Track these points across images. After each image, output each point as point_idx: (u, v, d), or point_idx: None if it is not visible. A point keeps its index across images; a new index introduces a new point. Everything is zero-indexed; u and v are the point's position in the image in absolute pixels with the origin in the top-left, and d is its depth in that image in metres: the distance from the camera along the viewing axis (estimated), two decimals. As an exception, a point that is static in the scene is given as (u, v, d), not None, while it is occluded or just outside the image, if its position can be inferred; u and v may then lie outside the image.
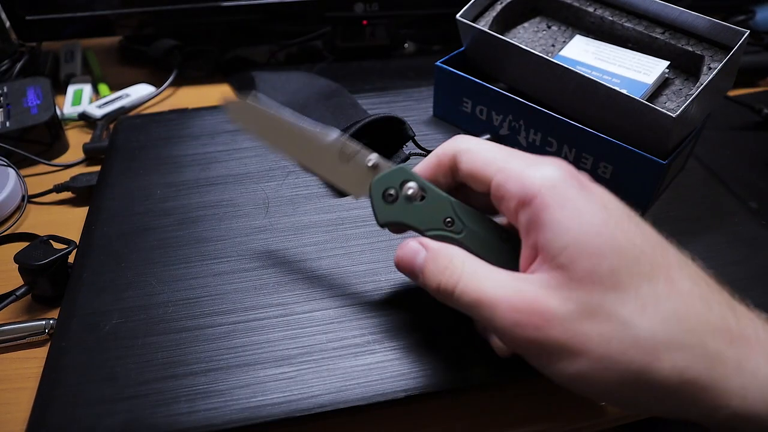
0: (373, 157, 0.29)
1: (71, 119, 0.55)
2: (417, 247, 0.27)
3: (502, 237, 0.27)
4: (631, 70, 0.40)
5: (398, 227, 0.29)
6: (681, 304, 0.21)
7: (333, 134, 0.30)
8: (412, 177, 0.28)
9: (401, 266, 0.27)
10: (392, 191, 0.28)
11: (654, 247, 0.22)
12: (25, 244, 0.36)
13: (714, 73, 0.36)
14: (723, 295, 0.22)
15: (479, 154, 0.26)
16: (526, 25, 0.47)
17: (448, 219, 0.27)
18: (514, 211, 0.24)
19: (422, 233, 0.28)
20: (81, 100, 0.57)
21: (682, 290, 0.21)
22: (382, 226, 0.29)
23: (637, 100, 0.36)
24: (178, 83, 0.61)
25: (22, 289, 0.35)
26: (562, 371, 0.22)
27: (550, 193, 0.22)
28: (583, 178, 0.24)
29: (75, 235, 0.38)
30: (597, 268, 0.21)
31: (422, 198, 0.28)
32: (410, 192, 0.28)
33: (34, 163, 0.48)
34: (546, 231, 0.22)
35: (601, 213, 0.22)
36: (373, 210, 0.29)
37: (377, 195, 0.28)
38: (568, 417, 0.30)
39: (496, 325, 0.23)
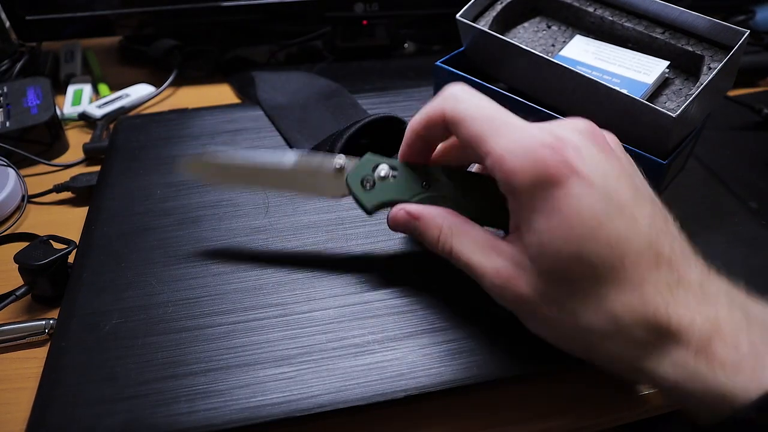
0: (338, 158, 0.31)
1: (71, 119, 0.55)
2: (406, 218, 0.29)
3: (476, 185, 0.30)
4: (631, 70, 0.40)
5: (386, 206, 0.31)
6: (617, 303, 0.23)
7: (291, 155, 0.32)
8: (380, 160, 0.31)
9: (398, 228, 0.30)
10: (368, 178, 0.31)
11: (613, 252, 0.23)
12: (25, 244, 0.36)
13: (714, 73, 0.36)
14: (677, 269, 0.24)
15: (471, 127, 0.26)
16: (526, 25, 0.47)
17: (424, 183, 0.30)
18: (504, 192, 0.26)
19: (409, 202, 0.30)
20: (81, 100, 0.57)
21: (624, 290, 0.23)
22: (372, 211, 0.31)
23: (637, 99, 0.36)
24: (178, 83, 0.61)
25: (22, 289, 0.35)
26: (533, 329, 0.27)
27: (527, 193, 0.24)
28: (568, 167, 0.23)
29: (75, 235, 0.38)
30: (553, 268, 0.24)
31: (394, 174, 0.31)
32: (383, 173, 0.31)
33: (34, 163, 0.48)
34: (522, 223, 0.25)
35: (569, 219, 0.23)
36: (358, 202, 0.31)
37: (356, 187, 0.31)
38: (569, 417, 0.30)
39: (485, 287, 0.27)
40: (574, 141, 0.24)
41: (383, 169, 0.31)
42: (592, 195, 0.23)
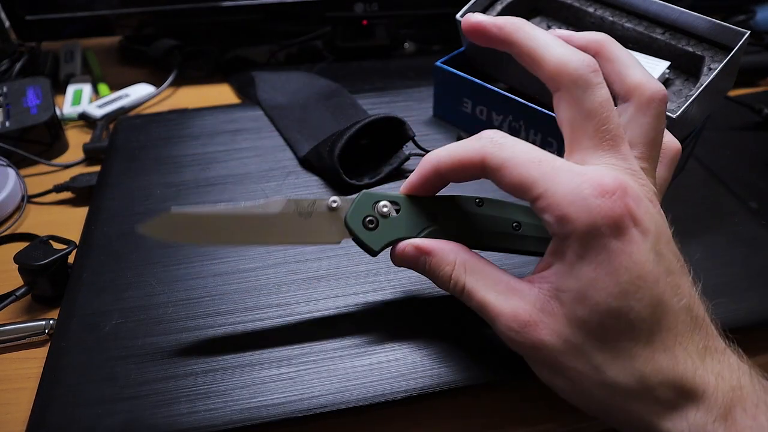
0: (332, 199, 0.28)
1: (71, 119, 0.55)
2: (415, 253, 0.27)
3: (478, 204, 0.29)
4: (632, 71, 0.40)
5: (393, 245, 0.28)
6: (648, 363, 0.23)
7: (278, 200, 0.28)
8: (379, 196, 0.28)
9: (404, 263, 0.28)
10: (370, 217, 0.28)
11: (654, 313, 0.23)
12: (25, 244, 0.36)
13: (714, 73, 0.36)
14: (702, 345, 0.24)
15: (517, 172, 0.24)
16: (526, 25, 0.47)
17: (431, 215, 0.28)
18: (552, 233, 0.24)
19: (417, 237, 0.28)
20: (81, 100, 0.57)
21: (656, 351, 0.23)
22: (378, 253, 0.28)
23: (638, 100, 0.36)
24: (178, 83, 0.61)
25: (22, 289, 0.35)
26: (546, 379, 0.25)
27: (580, 240, 0.23)
28: (628, 219, 0.22)
29: (75, 235, 0.38)
30: (588, 319, 0.23)
31: (397, 209, 0.28)
32: (385, 210, 0.28)
33: (34, 163, 0.48)
34: (561, 266, 0.24)
35: (618, 273, 0.22)
36: (362, 244, 0.28)
37: (358, 229, 0.28)
38: (569, 417, 0.30)
39: (497, 331, 0.25)
40: (635, 189, 0.23)
41: (385, 206, 0.28)
42: (646, 253, 0.22)
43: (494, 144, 0.25)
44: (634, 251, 0.22)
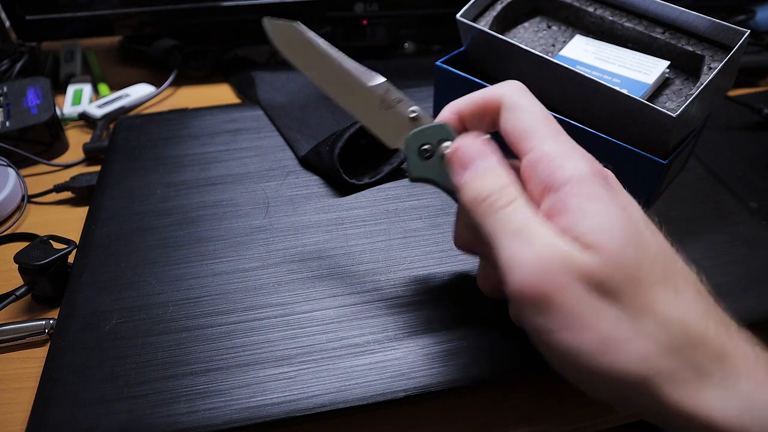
0: (416, 109, 0.28)
1: (71, 119, 0.55)
2: (484, 150, 0.25)
3: None
4: (632, 70, 0.40)
5: (430, 183, 0.28)
6: (684, 313, 0.21)
7: (377, 79, 0.29)
8: (451, 136, 0.27)
9: (458, 156, 0.26)
10: (428, 147, 0.28)
11: (666, 256, 0.22)
12: (25, 244, 0.36)
13: (714, 73, 0.36)
14: (719, 311, 0.23)
15: (522, 120, 0.25)
16: (526, 24, 0.47)
17: None
18: (539, 195, 0.24)
19: (451, 194, 0.28)
20: (81, 99, 0.57)
21: (686, 301, 0.22)
22: (414, 180, 0.28)
23: (638, 99, 0.36)
24: (178, 83, 0.61)
25: (22, 289, 0.35)
26: (558, 343, 0.21)
27: (579, 185, 0.22)
28: (610, 178, 0.24)
29: (75, 235, 0.38)
30: (622, 254, 0.21)
31: None
32: (447, 151, 0.27)
33: (34, 163, 0.48)
34: (571, 216, 0.22)
35: (622, 213, 0.22)
36: (408, 163, 0.28)
37: (413, 149, 0.28)
38: (569, 417, 0.30)
39: (520, 262, 0.22)
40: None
41: (447, 148, 0.27)
42: (632, 200, 0.24)
43: (517, 88, 0.26)
44: (623, 197, 0.23)
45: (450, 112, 0.28)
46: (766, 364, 0.21)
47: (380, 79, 0.29)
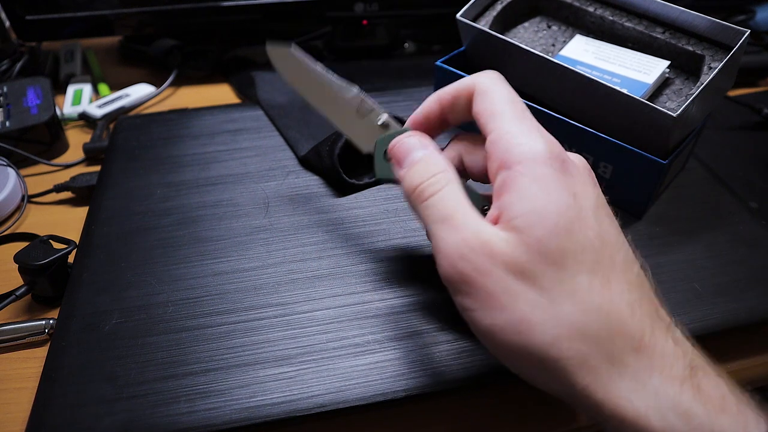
0: (384, 117, 0.31)
1: (71, 119, 0.55)
2: (417, 144, 0.27)
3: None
4: (632, 70, 0.40)
5: (392, 184, 0.30)
6: (608, 303, 0.22)
7: (353, 90, 0.33)
8: None
9: (395, 153, 0.28)
10: None
11: (605, 245, 0.23)
12: (25, 244, 0.36)
13: (714, 72, 0.36)
14: (653, 306, 0.23)
15: (492, 101, 0.26)
16: (526, 24, 0.47)
17: None
18: (495, 171, 0.24)
19: None
20: (81, 99, 0.57)
21: (613, 292, 0.22)
22: (379, 181, 0.32)
23: (638, 99, 0.36)
24: (178, 83, 0.61)
25: (22, 289, 0.35)
26: (479, 320, 0.23)
27: (529, 165, 0.23)
28: (568, 163, 0.24)
29: (75, 235, 0.38)
30: (546, 241, 0.22)
31: None
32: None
33: (34, 163, 0.48)
34: (512, 194, 0.23)
35: (567, 198, 0.23)
36: (374, 165, 0.31)
37: (379, 152, 0.30)
38: (569, 417, 0.30)
39: (445, 247, 0.23)
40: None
41: None
42: (589, 188, 0.24)
43: (491, 75, 0.27)
44: (577, 182, 0.23)
45: (432, 101, 0.29)
46: (689, 363, 0.22)
47: (355, 92, 0.33)
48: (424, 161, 0.26)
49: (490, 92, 0.26)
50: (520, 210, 0.22)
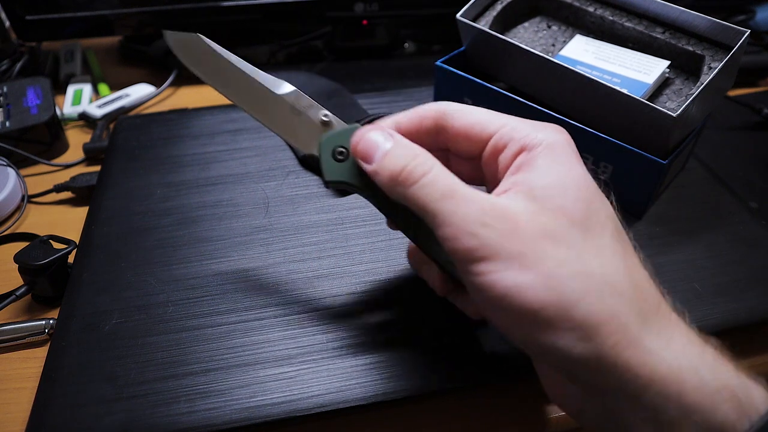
0: (327, 113, 0.28)
1: (71, 119, 0.55)
2: (384, 134, 0.25)
3: None
4: (632, 70, 0.40)
5: (346, 186, 0.27)
6: (630, 266, 0.22)
7: (286, 87, 0.29)
8: None
9: (361, 148, 0.26)
10: (342, 149, 0.27)
11: (616, 220, 0.24)
12: (25, 244, 0.36)
13: (714, 72, 0.36)
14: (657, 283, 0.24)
15: (475, 113, 0.26)
16: (526, 24, 0.47)
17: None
18: (513, 155, 0.24)
19: (370, 198, 0.27)
20: (81, 99, 0.57)
21: (633, 259, 0.23)
22: (328, 184, 0.28)
23: (638, 99, 0.36)
24: (178, 83, 0.61)
25: (22, 289, 0.35)
26: (501, 281, 0.21)
27: (551, 147, 0.24)
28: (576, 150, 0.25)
29: (75, 235, 0.38)
30: (570, 207, 0.22)
31: None
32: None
33: (34, 163, 0.48)
34: (533, 171, 0.23)
35: (586, 175, 0.24)
36: (321, 167, 0.27)
37: (327, 152, 0.27)
38: (569, 417, 0.30)
39: (461, 219, 0.22)
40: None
41: None
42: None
43: (453, 103, 0.27)
44: (585, 170, 0.24)
45: (416, 115, 0.27)
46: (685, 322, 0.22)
47: (290, 88, 0.29)
48: (401, 146, 0.25)
49: (468, 109, 0.26)
50: (541, 183, 0.23)
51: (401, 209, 0.26)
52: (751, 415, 0.20)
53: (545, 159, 0.23)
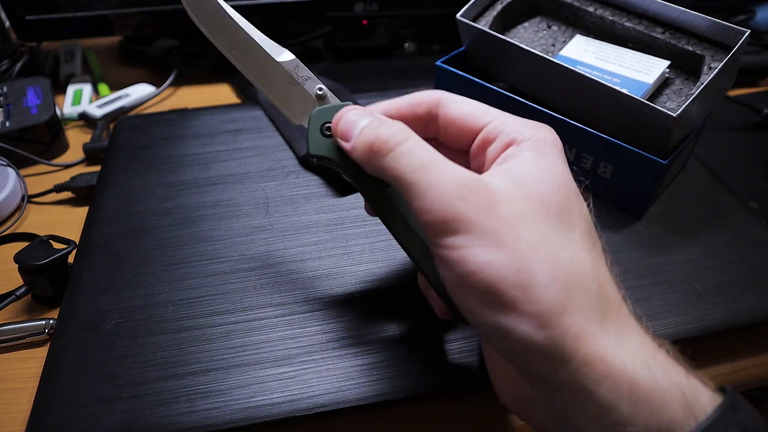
0: (323, 87, 0.29)
1: (71, 119, 0.55)
2: (362, 113, 0.26)
3: None
4: (632, 70, 0.40)
5: (327, 162, 0.28)
6: (597, 265, 0.22)
7: (287, 55, 0.29)
8: None
9: (341, 127, 0.26)
10: (329, 125, 0.27)
11: (590, 225, 0.24)
12: (25, 244, 0.36)
13: (714, 72, 0.36)
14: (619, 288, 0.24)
15: (470, 104, 0.26)
16: (526, 24, 0.47)
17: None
18: (502, 148, 0.25)
19: (348, 175, 0.27)
20: (81, 99, 0.57)
21: (601, 259, 0.23)
22: (310, 158, 0.28)
23: (638, 99, 0.36)
24: (178, 83, 0.61)
25: (22, 289, 0.35)
26: (472, 257, 0.21)
27: (539, 143, 0.24)
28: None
29: (75, 235, 0.38)
30: (548, 197, 0.23)
31: None
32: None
33: (34, 163, 0.48)
34: (519, 160, 0.24)
35: (568, 174, 0.24)
36: (308, 140, 0.28)
37: (315, 126, 0.27)
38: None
39: (437, 190, 0.22)
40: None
41: None
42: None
43: (449, 93, 0.27)
44: (568, 170, 0.25)
45: (407, 102, 0.27)
46: (653, 338, 0.23)
47: (290, 56, 0.29)
48: (378, 120, 0.25)
49: (462, 100, 0.27)
50: (526, 171, 0.23)
51: (378, 189, 0.26)
52: (698, 415, 0.20)
53: (532, 153, 0.24)
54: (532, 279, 0.21)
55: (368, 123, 0.25)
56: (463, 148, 0.27)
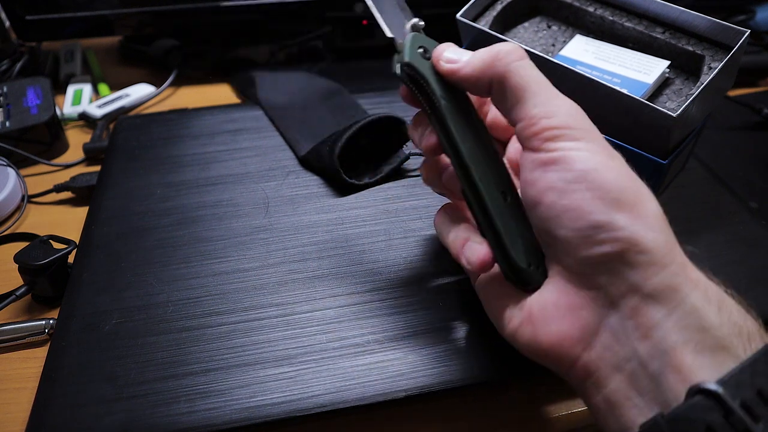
0: (423, 24, 0.31)
1: (71, 119, 0.55)
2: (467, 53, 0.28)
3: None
4: (632, 70, 0.40)
5: (414, 83, 0.29)
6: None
7: None
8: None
9: (445, 54, 0.28)
10: (425, 49, 0.29)
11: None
12: (25, 244, 0.36)
13: (714, 72, 0.36)
14: None
15: (533, 70, 0.26)
16: (526, 24, 0.47)
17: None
18: (545, 129, 0.25)
19: (432, 102, 0.28)
20: (81, 99, 0.57)
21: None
22: (405, 66, 0.29)
23: (638, 99, 0.36)
24: (178, 83, 0.61)
25: (22, 289, 0.35)
26: (588, 158, 0.24)
27: (580, 132, 0.25)
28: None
29: (75, 235, 0.38)
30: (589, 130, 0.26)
31: None
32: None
33: (34, 163, 0.48)
34: (570, 143, 0.25)
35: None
36: (404, 52, 0.29)
37: (414, 43, 0.29)
38: (569, 417, 0.30)
39: (557, 105, 0.25)
40: None
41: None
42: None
43: (515, 56, 0.27)
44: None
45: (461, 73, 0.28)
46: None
47: None
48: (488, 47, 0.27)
49: (528, 66, 0.27)
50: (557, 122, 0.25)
51: (456, 102, 0.28)
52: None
53: (571, 140, 0.25)
54: (641, 189, 0.24)
55: (479, 50, 0.27)
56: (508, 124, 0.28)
